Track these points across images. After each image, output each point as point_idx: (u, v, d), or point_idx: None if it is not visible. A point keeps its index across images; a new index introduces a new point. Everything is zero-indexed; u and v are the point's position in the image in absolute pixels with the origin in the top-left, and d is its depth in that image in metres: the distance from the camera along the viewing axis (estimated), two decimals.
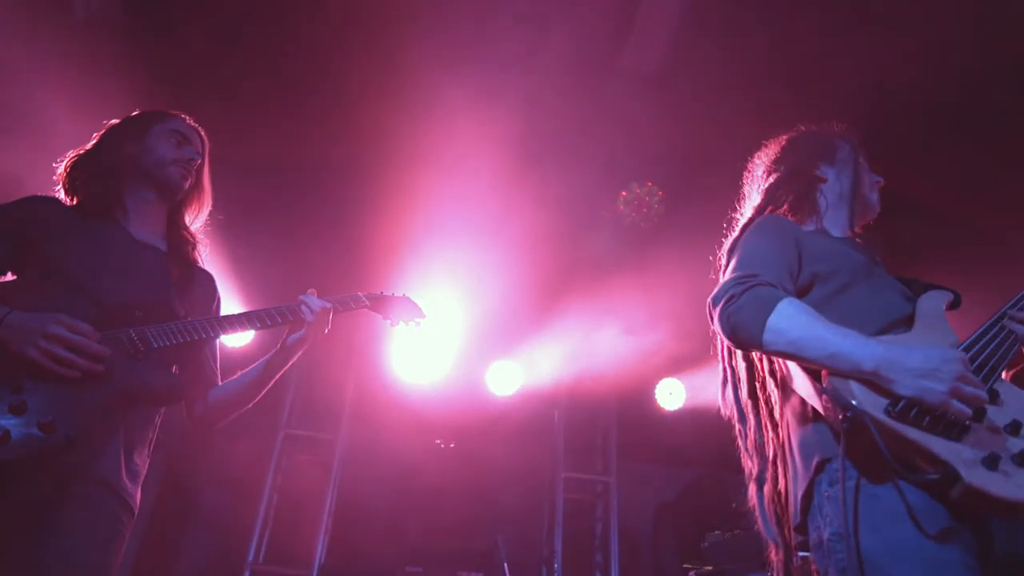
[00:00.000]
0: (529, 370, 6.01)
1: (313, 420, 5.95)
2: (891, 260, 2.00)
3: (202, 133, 2.30)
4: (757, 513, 1.73)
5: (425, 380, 5.74)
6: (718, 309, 1.67)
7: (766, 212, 2.04)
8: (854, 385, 1.50)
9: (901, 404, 1.46)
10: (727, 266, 1.89)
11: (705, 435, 5.81)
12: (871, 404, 1.46)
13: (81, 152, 2.16)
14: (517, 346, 5.87)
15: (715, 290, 1.73)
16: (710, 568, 4.79)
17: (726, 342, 1.79)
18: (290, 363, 2.20)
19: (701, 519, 5.49)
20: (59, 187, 2.13)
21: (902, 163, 3.44)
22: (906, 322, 1.73)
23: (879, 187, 2.16)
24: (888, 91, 3.79)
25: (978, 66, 3.68)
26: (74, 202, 2.11)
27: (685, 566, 5.28)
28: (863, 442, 1.43)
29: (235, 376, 2.20)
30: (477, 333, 5.44)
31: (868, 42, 3.75)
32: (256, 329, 2.15)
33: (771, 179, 2.12)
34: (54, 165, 2.14)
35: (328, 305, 2.22)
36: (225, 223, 2.49)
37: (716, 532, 4.73)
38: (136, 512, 1.93)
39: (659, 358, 5.79)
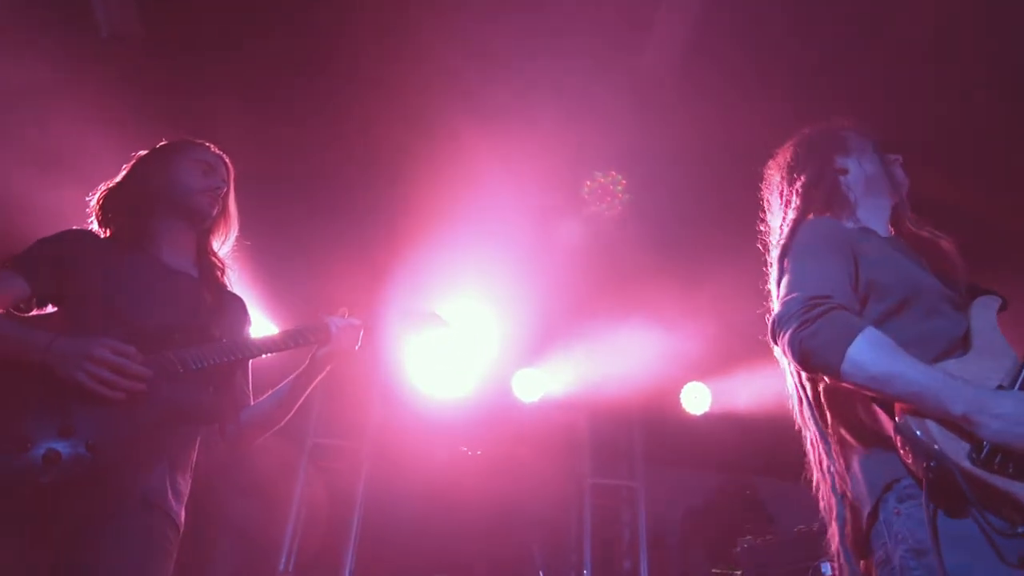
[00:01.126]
0: (554, 377, 6.00)
1: (340, 428, 5.98)
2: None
3: (227, 161, 2.34)
4: (839, 549, 1.68)
5: (451, 388, 5.75)
6: (787, 332, 1.61)
7: (807, 217, 1.97)
8: (932, 426, 1.45)
9: (986, 450, 1.41)
10: (781, 276, 1.83)
11: (731, 439, 5.78)
12: (953, 449, 1.43)
13: (112, 185, 2.23)
14: (542, 353, 5.87)
15: (781, 309, 1.67)
16: (739, 573, 4.76)
17: (792, 365, 1.73)
18: (317, 380, 2.24)
19: (729, 524, 5.46)
20: (92, 219, 2.20)
21: (935, 165, 3.41)
22: (962, 342, 1.68)
23: (899, 164, 2.12)
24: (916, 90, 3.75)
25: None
26: (107, 234, 2.18)
27: (714, 571, 5.26)
28: (944, 484, 1.41)
29: (265, 396, 2.25)
30: (503, 341, 5.44)
31: (891, 40, 3.72)
32: (288, 348, 2.19)
33: (798, 183, 2.06)
34: (87, 199, 2.20)
35: (357, 323, 2.28)
36: (256, 238, 2.52)
37: (748, 537, 4.70)
38: (181, 530, 1.98)
39: (684, 362, 5.76)
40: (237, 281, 2.35)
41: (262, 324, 4.49)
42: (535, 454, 6.11)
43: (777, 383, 2.04)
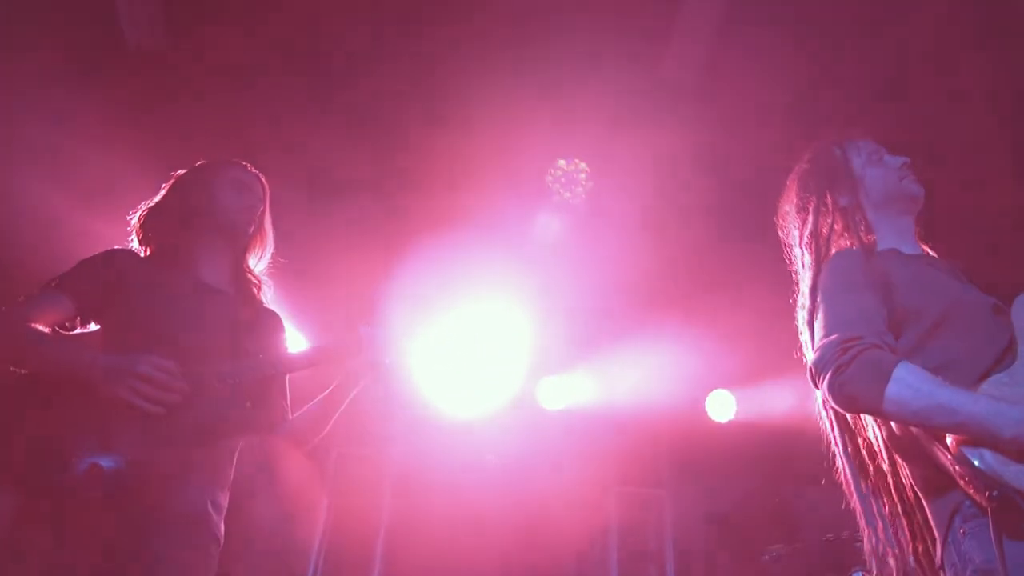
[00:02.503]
0: (579, 385, 6.00)
1: (365, 438, 6.00)
2: None
3: (263, 180, 2.38)
4: None
5: (475, 397, 5.75)
6: (825, 379, 1.61)
7: (826, 256, 1.93)
8: (987, 454, 1.44)
9: None
10: (813, 317, 1.81)
11: (758, 447, 5.75)
12: (1012, 474, 1.41)
13: (151, 204, 2.28)
14: (568, 361, 5.87)
15: (817, 355, 1.66)
16: None
17: (836, 409, 1.74)
18: (353, 393, 2.26)
19: (756, 532, 5.42)
20: (132, 239, 2.25)
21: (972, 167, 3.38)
22: (1010, 349, 1.64)
23: (908, 167, 2.04)
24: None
25: None
26: (147, 252, 2.24)
27: None
28: (1009, 509, 1.41)
29: (302, 409, 2.28)
30: (528, 349, 5.45)
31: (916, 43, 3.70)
32: (322, 363, 2.21)
33: (809, 226, 2.01)
34: (127, 217, 2.26)
35: (390, 335, 2.28)
36: (284, 252, 2.54)
37: (777, 545, 4.66)
38: (221, 543, 2.01)
39: (710, 370, 5.74)
40: (272, 297, 2.39)
41: (295, 338, 4.52)
42: (560, 463, 6.10)
43: (804, 390, 2.03)
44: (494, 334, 5.15)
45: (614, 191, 4.53)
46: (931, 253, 2.02)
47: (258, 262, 2.37)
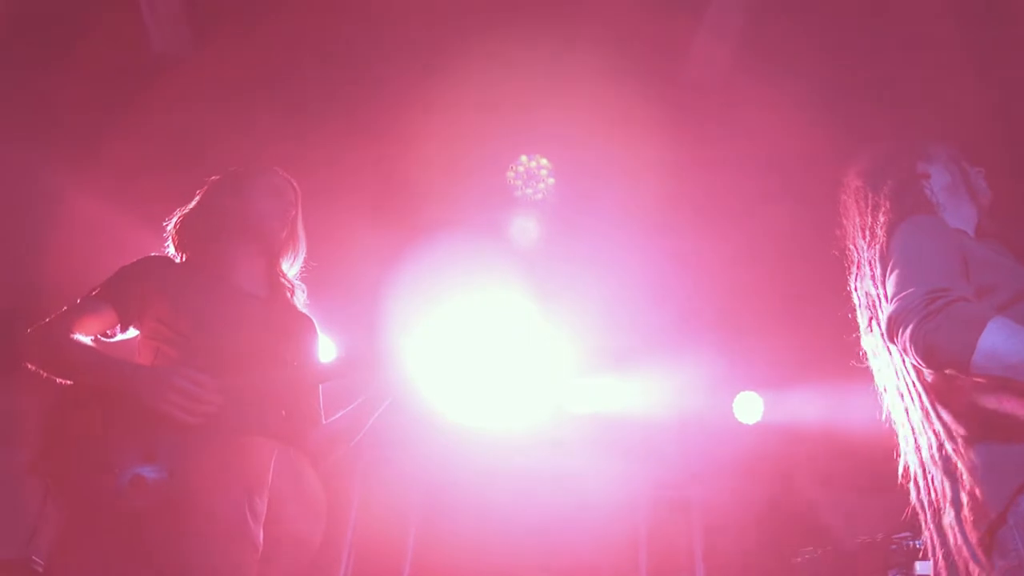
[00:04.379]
0: (607, 388, 5.99)
1: (395, 442, 6.00)
2: None
3: (295, 185, 2.41)
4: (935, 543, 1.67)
5: (504, 401, 5.75)
6: (909, 328, 1.57)
7: (904, 218, 1.92)
8: None
9: None
10: (884, 277, 1.80)
11: (787, 449, 5.71)
12: None
13: (186, 211, 2.31)
14: (595, 365, 5.86)
15: (898, 304, 1.63)
16: None
17: (913, 361, 1.67)
18: (386, 403, 2.27)
19: (787, 535, 5.38)
20: (168, 245, 2.28)
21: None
22: None
23: (982, 176, 2.10)
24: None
25: None
26: (183, 258, 2.26)
27: None
28: None
29: (336, 416, 2.29)
30: (555, 352, 5.45)
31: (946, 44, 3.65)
32: (355, 372, 2.22)
33: (885, 187, 2.02)
34: (163, 223, 2.29)
35: (419, 348, 2.30)
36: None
37: (808, 548, 4.62)
38: (260, 551, 2.01)
39: (737, 371, 5.71)
40: (305, 301, 2.41)
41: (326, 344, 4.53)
42: (588, 466, 6.09)
43: (831, 392, 2.02)
44: (521, 338, 5.16)
45: (639, 193, 4.51)
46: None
47: (291, 266, 2.40)
